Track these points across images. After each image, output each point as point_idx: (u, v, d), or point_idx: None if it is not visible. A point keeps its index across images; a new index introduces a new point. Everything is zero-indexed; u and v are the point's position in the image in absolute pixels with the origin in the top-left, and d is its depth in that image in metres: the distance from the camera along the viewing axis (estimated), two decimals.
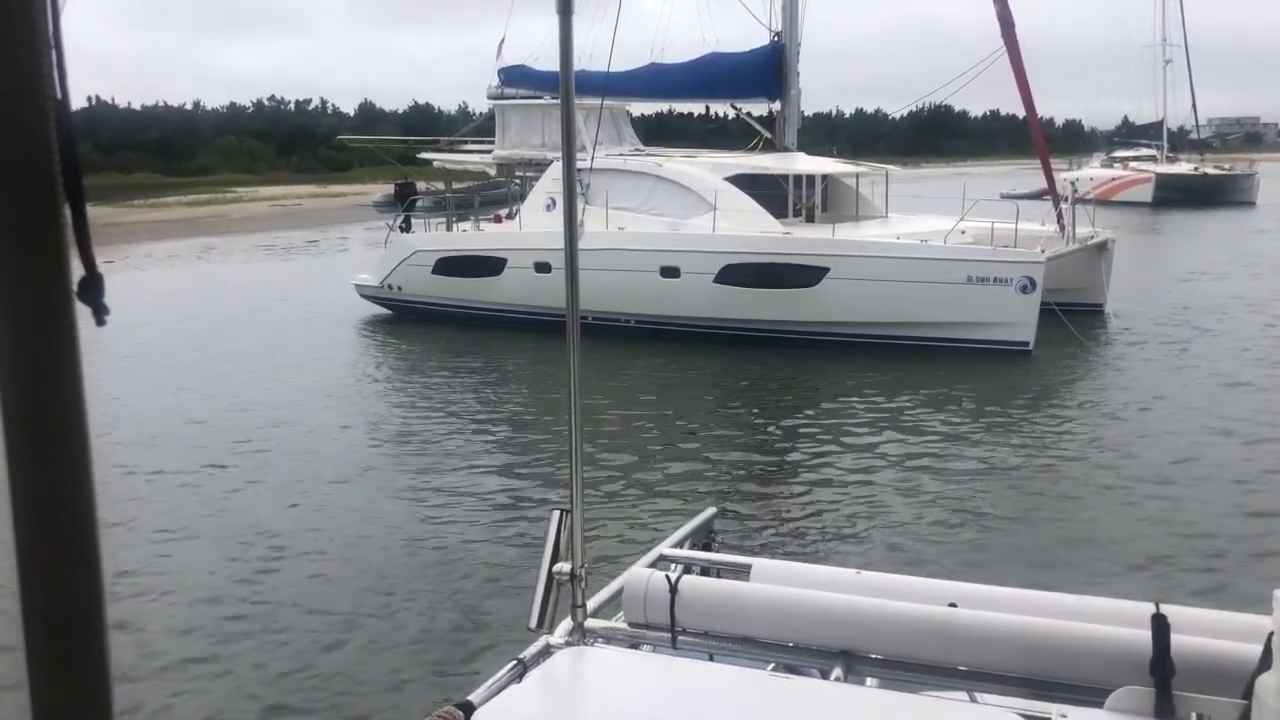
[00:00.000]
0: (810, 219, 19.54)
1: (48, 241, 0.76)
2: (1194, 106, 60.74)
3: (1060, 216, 18.26)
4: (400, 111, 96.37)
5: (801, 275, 16.99)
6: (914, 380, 15.12)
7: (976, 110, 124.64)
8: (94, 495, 0.78)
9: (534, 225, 19.22)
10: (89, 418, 0.77)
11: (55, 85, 0.77)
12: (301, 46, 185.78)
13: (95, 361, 16.35)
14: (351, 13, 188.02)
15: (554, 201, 18.74)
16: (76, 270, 0.80)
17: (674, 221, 18.30)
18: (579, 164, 18.92)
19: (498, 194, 22.71)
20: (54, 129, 0.76)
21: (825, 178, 20.34)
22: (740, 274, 17.35)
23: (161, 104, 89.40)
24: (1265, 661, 2.09)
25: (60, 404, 0.77)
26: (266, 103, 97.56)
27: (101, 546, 0.78)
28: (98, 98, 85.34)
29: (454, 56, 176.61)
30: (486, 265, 19.75)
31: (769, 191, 18.81)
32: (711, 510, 3.63)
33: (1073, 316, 17.29)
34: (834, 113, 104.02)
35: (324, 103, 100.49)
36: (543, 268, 18.19)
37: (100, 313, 0.81)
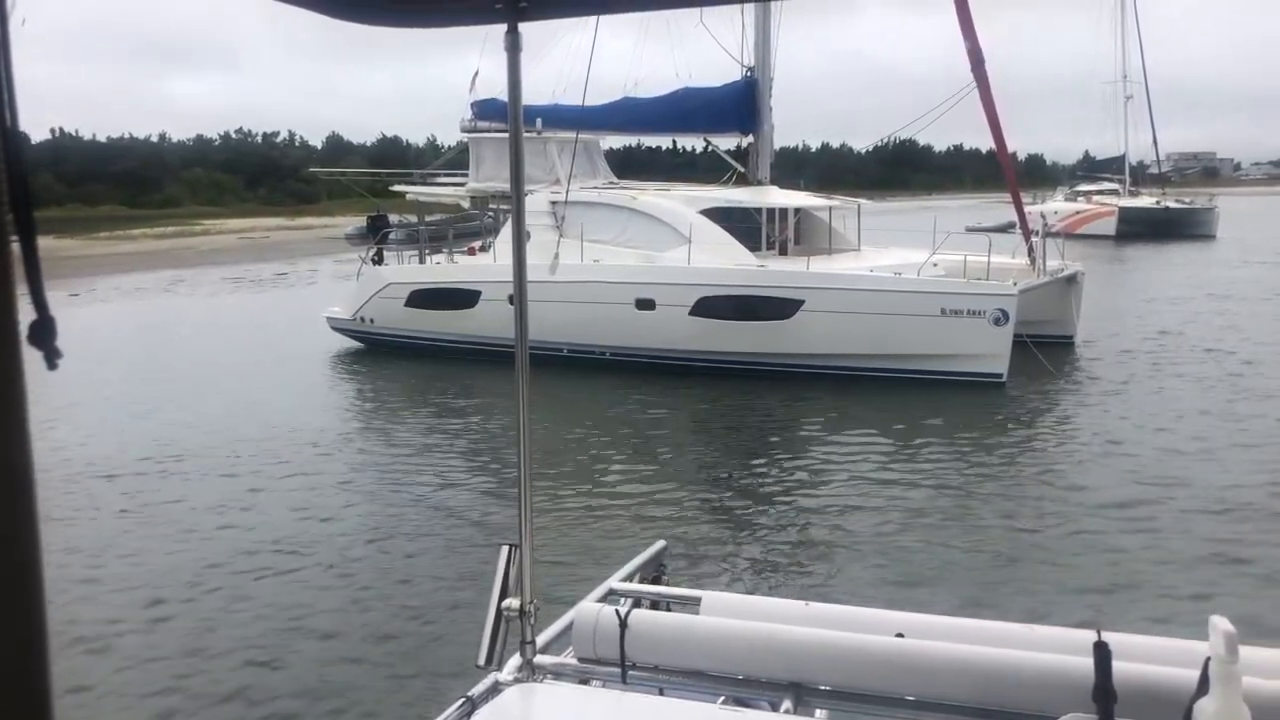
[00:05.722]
0: (784, 252, 19.66)
1: None
2: (1155, 141, 61.93)
3: (1031, 249, 18.48)
4: (369, 144, 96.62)
5: (776, 307, 17.07)
6: (887, 411, 15.18)
7: (941, 145, 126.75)
8: (40, 549, 0.72)
9: (508, 257, 19.18)
10: (34, 471, 0.72)
11: (4, 114, 0.70)
12: (238, 82, 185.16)
13: (59, 396, 16.14)
14: (292, 50, 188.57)
15: (529, 234, 18.75)
16: (26, 312, 0.74)
17: (649, 254, 18.36)
18: (554, 197, 19.08)
19: (471, 226, 22.72)
20: (2, 161, 0.70)
21: (798, 211, 20.49)
22: (715, 306, 17.41)
23: (127, 136, 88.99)
24: (1203, 687, 2.13)
25: (4, 459, 0.70)
26: (234, 135, 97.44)
27: (45, 586, 0.73)
28: (61, 130, 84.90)
29: (399, 90, 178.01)
30: (460, 298, 19.70)
31: (743, 225, 18.92)
32: (661, 543, 3.62)
33: (1044, 348, 17.47)
34: (800, 147, 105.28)
35: (292, 135, 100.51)
36: None
37: (52, 356, 0.76)
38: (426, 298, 20.24)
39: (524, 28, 2.63)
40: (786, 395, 16.41)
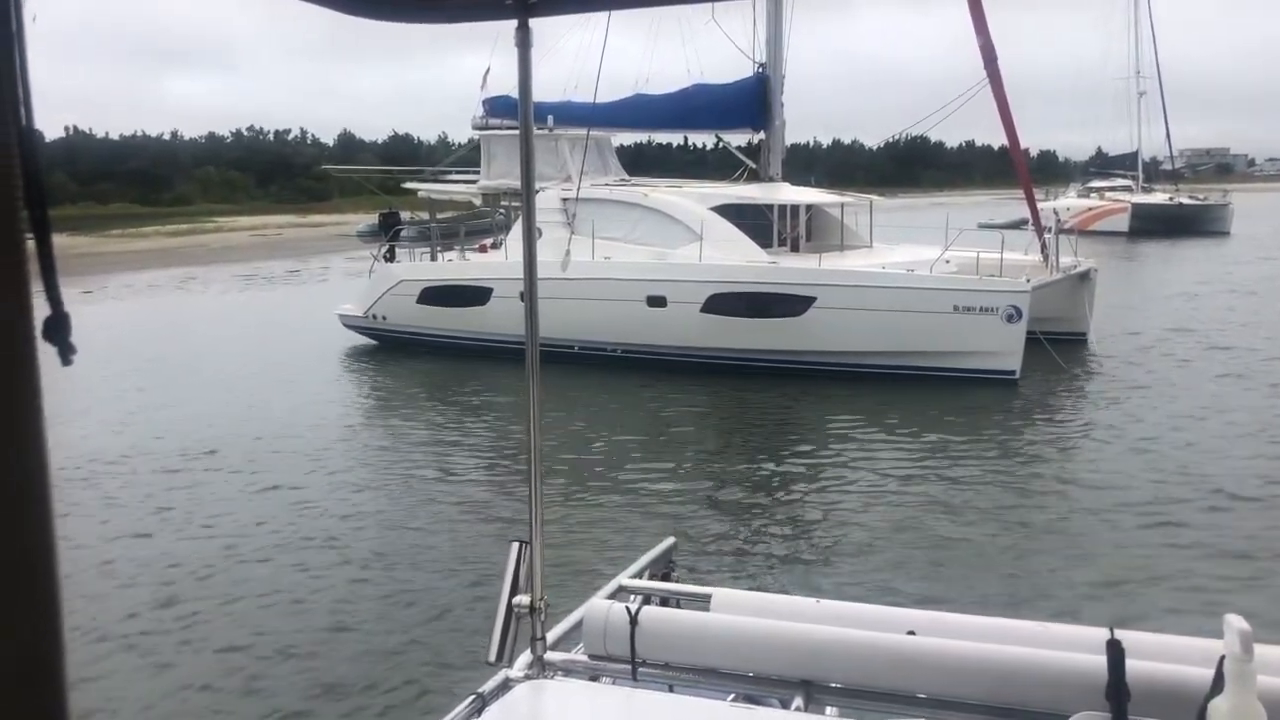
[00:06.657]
0: (795, 249, 19.63)
1: (10, 278, 0.70)
2: (1168, 138, 61.62)
3: (1044, 246, 18.41)
4: (380, 142, 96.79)
5: (788, 305, 17.04)
6: (899, 409, 15.14)
7: (952, 141, 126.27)
8: (56, 546, 0.72)
9: (519, 255, 19.18)
10: (50, 468, 0.72)
11: (20, 112, 0.71)
12: (238, 82, 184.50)
13: (73, 392, 16.21)
14: (296, 49, 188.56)
15: (540, 231, 18.76)
16: (41, 308, 0.74)
17: (660, 251, 18.34)
18: (565, 194, 19.09)
19: (483, 224, 22.77)
20: (18, 158, 0.71)
21: (810, 208, 20.45)
22: (727, 303, 17.39)
23: (140, 133, 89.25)
24: (1217, 685, 2.12)
25: (21, 455, 0.70)
26: (245, 132, 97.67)
27: (62, 594, 0.73)
28: (75, 128, 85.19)
29: (410, 88, 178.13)
30: (472, 295, 19.73)
31: (754, 221, 18.89)
32: (671, 540, 3.62)
33: (1056, 345, 17.40)
34: (811, 144, 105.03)
35: (304, 133, 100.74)
36: None
37: (66, 352, 0.77)
38: (438, 295, 20.28)
39: (535, 25, 2.63)
40: (798, 392, 16.38)
